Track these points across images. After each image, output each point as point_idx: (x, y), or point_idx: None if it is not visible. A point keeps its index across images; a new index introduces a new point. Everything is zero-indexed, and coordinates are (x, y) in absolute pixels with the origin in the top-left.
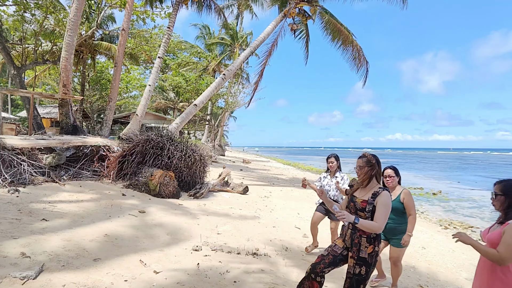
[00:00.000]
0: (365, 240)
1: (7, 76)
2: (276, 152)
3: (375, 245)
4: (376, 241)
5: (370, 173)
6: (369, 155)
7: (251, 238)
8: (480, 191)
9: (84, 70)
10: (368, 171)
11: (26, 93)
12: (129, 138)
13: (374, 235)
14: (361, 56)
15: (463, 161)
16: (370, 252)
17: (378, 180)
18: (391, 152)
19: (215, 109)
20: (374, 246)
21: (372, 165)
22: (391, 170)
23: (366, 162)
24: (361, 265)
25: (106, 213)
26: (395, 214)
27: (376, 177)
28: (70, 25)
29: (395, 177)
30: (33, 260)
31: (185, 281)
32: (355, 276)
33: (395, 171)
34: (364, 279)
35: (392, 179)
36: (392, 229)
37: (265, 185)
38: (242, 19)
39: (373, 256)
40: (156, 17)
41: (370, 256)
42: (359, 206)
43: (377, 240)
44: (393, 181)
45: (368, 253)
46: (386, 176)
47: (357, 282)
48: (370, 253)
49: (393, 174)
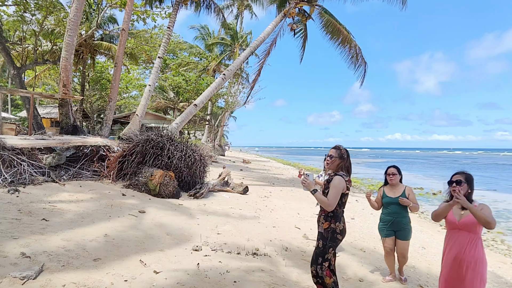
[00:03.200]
0: (322, 217)
1: (7, 76)
2: (276, 152)
3: (331, 223)
4: (332, 219)
5: (338, 164)
6: (343, 149)
7: (251, 238)
8: (480, 191)
9: (84, 70)
10: (338, 163)
11: (26, 93)
12: (129, 138)
13: (331, 214)
14: (359, 56)
15: (463, 161)
16: (326, 228)
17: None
18: (391, 152)
19: (215, 109)
20: (330, 223)
21: (343, 159)
22: (394, 169)
23: (338, 154)
24: (319, 239)
25: (106, 213)
26: (400, 208)
27: (343, 169)
28: (70, 25)
29: (397, 175)
30: (33, 260)
31: (185, 281)
32: (315, 249)
33: (397, 169)
34: (322, 252)
35: (395, 176)
36: (397, 223)
37: (265, 185)
38: (242, 19)
39: (328, 232)
40: (156, 17)
41: (326, 231)
42: (321, 189)
43: (333, 218)
44: (395, 179)
45: (324, 228)
46: (389, 174)
47: (316, 254)
48: (326, 228)
49: (396, 172)
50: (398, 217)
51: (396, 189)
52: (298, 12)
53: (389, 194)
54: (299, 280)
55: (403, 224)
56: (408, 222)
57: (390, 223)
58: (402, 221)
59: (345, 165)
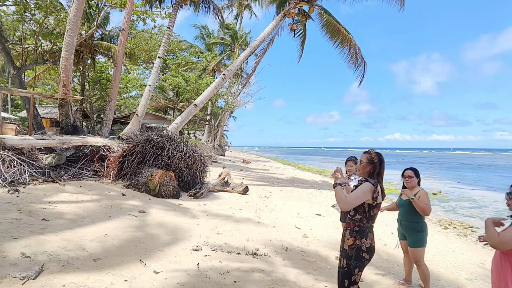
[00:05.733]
0: (348, 232)
1: (7, 76)
2: (276, 152)
3: (357, 238)
4: (358, 234)
5: (369, 171)
6: (373, 153)
7: (251, 238)
8: (480, 191)
9: (84, 70)
10: (369, 168)
11: (26, 93)
12: (129, 138)
13: (356, 228)
14: (358, 56)
15: (463, 161)
16: (350, 244)
17: (378, 179)
18: (390, 152)
19: (215, 109)
20: (355, 239)
21: (374, 164)
22: (411, 171)
23: (368, 159)
24: (343, 257)
25: (106, 213)
26: (410, 212)
27: (375, 175)
28: (70, 25)
29: (414, 177)
30: (33, 260)
31: (185, 281)
32: (339, 268)
33: (415, 172)
34: (346, 272)
35: (411, 179)
36: (404, 227)
37: (265, 185)
38: (242, 19)
39: (353, 249)
40: (156, 17)
41: (350, 249)
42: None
43: (359, 233)
44: (412, 182)
45: (348, 245)
46: (406, 176)
47: (342, 275)
48: (351, 245)
49: (412, 175)
50: (404, 221)
51: (411, 192)
52: (297, 12)
53: (402, 197)
54: (299, 280)
55: (410, 230)
56: (417, 229)
57: (399, 225)
58: (409, 226)
59: (377, 171)
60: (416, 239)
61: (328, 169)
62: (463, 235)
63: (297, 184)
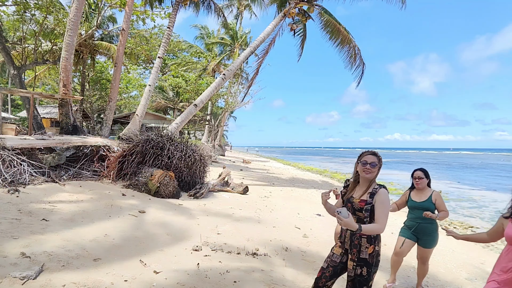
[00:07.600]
0: (365, 240)
1: (7, 76)
2: (276, 152)
3: (375, 245)
4: (376, 240)
5: (378, 172)
6: (379, 154)
7: (251, 238)
8: (480, 191)
9: (84, 70)
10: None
11: (26, 93)
12: (129, 138)
13: (374, 235)
14: (357, 56)
15: (463, 161)
16: (370, 253)
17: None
18: (390, 153)
19: (215, 109)
20: (374, 246)
21: (381, 165)
22: (421, 172)
23: (379, 161)
24: (362, 266)
25: (106, 213)
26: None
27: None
28: (70, 25)
29: (424, 178)
30: (33, 260)
31: (185, 281)
32: (356, 278)
33: (425, 173)
34: (366, 280)
35: (422, 180)
36: (423, 228)
37: (265, 185)
38: (242, 19)
39: (373, 256)
40: (156, 17)
41: (371, 257)
42: (357, 206)
43: (377, 239)
44: (422, 183)
45: (369, 254)
46: (415, 177)
47: (360, 283)
48: (371, 253)
49: (423, 176)
50: (423, 223)
51: (423, 194)
52: (298, 12)
53: (414, 198)
54: (299, 280)
55: (429, 231)
56: (434, 230)
57: (414, 228)
58: (428, 227)
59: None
60: (433, 239)
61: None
62: None
63: (297, 184)
